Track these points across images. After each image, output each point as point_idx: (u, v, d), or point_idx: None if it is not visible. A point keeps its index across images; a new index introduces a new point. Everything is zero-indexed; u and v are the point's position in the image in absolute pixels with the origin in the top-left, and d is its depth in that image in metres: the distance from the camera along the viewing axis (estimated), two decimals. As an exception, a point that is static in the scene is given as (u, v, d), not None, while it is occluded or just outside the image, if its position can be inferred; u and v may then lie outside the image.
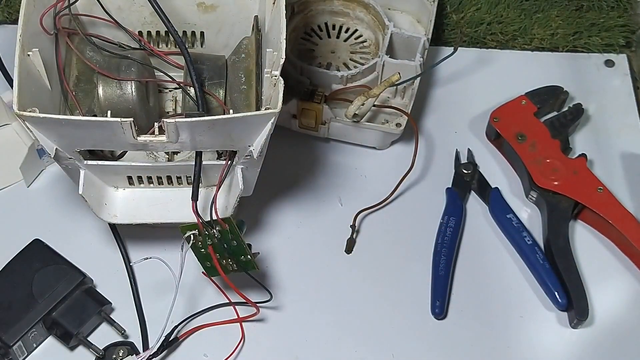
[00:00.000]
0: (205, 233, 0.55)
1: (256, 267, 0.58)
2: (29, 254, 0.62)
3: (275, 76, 0.54)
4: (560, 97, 0.73)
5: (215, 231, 0.55)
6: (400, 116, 0.69)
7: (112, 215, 0.60)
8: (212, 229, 0.55)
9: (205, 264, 0.58)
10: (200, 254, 0.58)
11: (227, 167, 0.56)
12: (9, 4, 0.79)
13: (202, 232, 0.55)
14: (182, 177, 0.60)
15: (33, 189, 0.69)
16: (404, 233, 0.68)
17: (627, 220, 0.66)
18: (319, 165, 0.72)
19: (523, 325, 0.64)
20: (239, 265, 0.57)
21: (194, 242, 0.56)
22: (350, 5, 0.75)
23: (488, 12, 0.80)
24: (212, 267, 0.58)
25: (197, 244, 0.56)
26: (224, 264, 0.58)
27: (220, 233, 0.55)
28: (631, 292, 0.66)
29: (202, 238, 0.56)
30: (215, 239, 0.56)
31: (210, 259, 0.57)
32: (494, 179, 0.71)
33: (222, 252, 0.57)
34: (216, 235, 0.55)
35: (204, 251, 0.57)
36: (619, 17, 0.80)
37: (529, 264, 0.66)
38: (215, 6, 0.64)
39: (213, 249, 0.56)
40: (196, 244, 0.56)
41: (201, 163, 0.55)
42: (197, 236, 0.55)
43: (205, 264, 0.58)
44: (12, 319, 0.59)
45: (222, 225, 0.55)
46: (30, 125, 0.50)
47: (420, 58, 0.68)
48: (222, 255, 0.57)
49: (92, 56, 0.60)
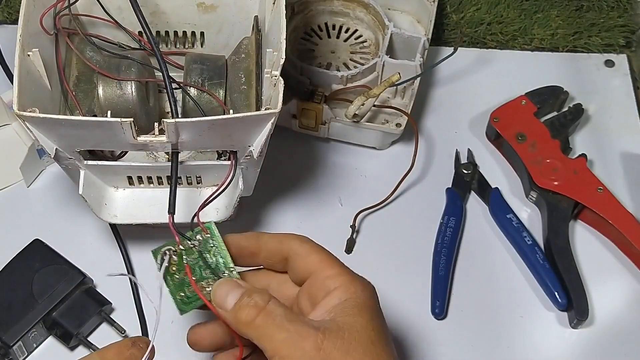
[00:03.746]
0: (182, 249, 0.49)
1: None
2: (29, 254, 0.62)
3: (275, 76, 0.54)
4: (560, 97, 0.73)
5: (196, 241, 0.50)
6: (400, 116, 0.69)
7: (112, 215, 0.60)
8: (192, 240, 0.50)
9: (178, 294, 0.50)
10: (175, 283, 0.50)
11: (233, 168, 0.55)
12: (9, 4, 0.79)
13: (179, 251, 0.49)
14: (182, 177, 0.60)
15: (33, 189, 0.69)
16: (404, 233, 0.68)
17: (627, 220, 0.66)
18: (319, 165, 0.72)
19: (523, 325, 0.64)
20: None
21: (167, 267, 0.49)
22: (350, 5, 0.75)
23: (488, 12, 0.80)
24: (189, 296, 0.50)
25: (171, 270, 0.50)
26: (201, 285, 0.50)
27: (200, 242, 0.50)
28: (631, 292, 0.66)
29: (177, 259, 0.49)
30: (195, 251, 0.49)
31: (186, 285, 0.50)
32: (494, 179, 0.71)
33: (200, 272, 0.50)
34: (196, 246, 0.49)
35: (177, 277, 0.50)
36: (619, 17, 0.80)
37: (529, 264, 0.66)
38: (215, 6, 0.64)
39: (190, 268, 0.49)
40: (169, 269, 0.49)
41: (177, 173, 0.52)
42: (171, 256, 0.49)
43: (178, 294, 0.50)
44: (12, 319, 0.59)
45: (204, 232, 0.50)
46: (30, 125, 0.50)
47: (420, 58, 0.68)
48: (200, 276, 0.50)
49: (92, 56, 0.60)
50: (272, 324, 0.44)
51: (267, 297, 0.46)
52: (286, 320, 0.44)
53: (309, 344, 0.43)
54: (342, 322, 0.45)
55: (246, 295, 0.46)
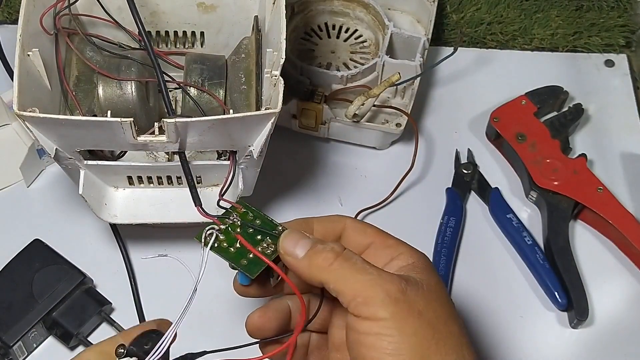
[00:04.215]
0: (226, 225, 0.49)
1: None
2: (29, 254, 0.62)
3: (275, 76, 0.54)
4: (560, 97, 0.73)
5: (236, 219, 0.49)
6: (400, 116, 0.69)
7: (112, 215, 0.60)
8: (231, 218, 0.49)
9: (241, 263, 0.48)
10: (229, 254, 0.49)
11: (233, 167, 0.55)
12: (9, 4, 0.79)
13: (221, 228, 0.49)
14: (182, 177, 0.60)
15: (33, 189, 0.69)
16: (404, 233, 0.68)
17: (627, 220, 0.66)
18: (319, 165, 0.72)
19: (523, 325, 0.64)
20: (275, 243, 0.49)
21: (218, 244, 0.48)
22: (350, 5, 0.75)
23: (488, 12, 0.80)
24: (250, 261, 0.48)
25: (222, 245, 0.48)
26: (261, 249, 0.49)
27: (239, 218, 0.49)
28: (631, 292, 0.66)
29: (223, 236, 0.49)
30: (238, 227, 0.49)
31: (245, 252, 0.48)
32: (494, 179, 0.71)
33: (252, 237, 0.49)
34: (237, 222, 0.49)
35: (232, 249, 0.49)
36: (619, 17, 0.80)
37: (529, 264, 0.66)
38: (215, 6, 0.64)
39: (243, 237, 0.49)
40: (221, 245, 0.48)
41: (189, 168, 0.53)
42: (218, 234, 0.48)
43: (241, 262, 0.48)
44: (12, 319, 0.59)
45: (238, 209, 0.49)
46: (30, 125, 0.50)
47: (420, 58, 0.68)
48: (254, 241, 0.49)
49: (92, 56, 0.60)
50: (352, 266, 0.44)
51: (341, 245, 0.46)
52: (367, 264, 0.44)
53: (393, 286, 0.43)
54: (417, 278, 0.45)
55: (319, 243, 0.46)
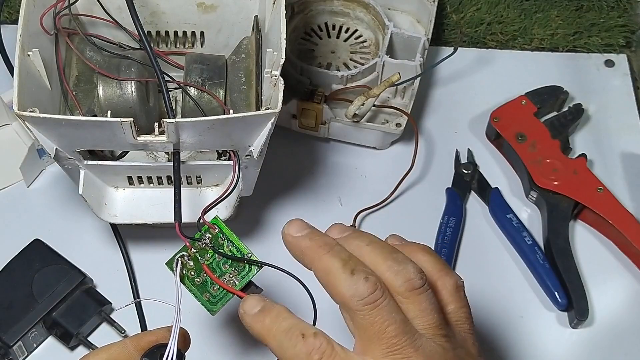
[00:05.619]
0: (195, 252, 0.49)
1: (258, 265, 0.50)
2: (29, 254, 0.62)
3: (275, 76, 0.54)
4: (560, 97, 0.73)
5: (206, 239, 0.49)
6: (400, 116, 0.69)
7: (112, 215, 0.60)
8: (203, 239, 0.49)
9: (205, 297, 0.49)
10: (197, 287, 0.49)
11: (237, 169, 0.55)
12: (9, 4, 0.79)
13: (192, 255, 0.49)
14: (182, 177, 0.60)
15: (33, 189, 0.69)
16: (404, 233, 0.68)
17: (627, 220, 0.66)
18: (319, 165, 0.72)
19: (523, 325, 0.64)
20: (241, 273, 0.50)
21: (185, 273, 0.49)
22: (350, 5, 0.75)
23: (488, 12, 0.80)
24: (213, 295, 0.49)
25: (190, 275, 0.49)
26: (224, 280, 0.49)
27: (210, 239, 0.49)
28: (631, 292, 0.66)
29: (193, 264, 0.49)
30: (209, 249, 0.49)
31: (209, 286, 0.49)
32: (494, 179, 0.71)
33: (219, 267, 0.49)
34: (208, 245, 0.49)
35: (198, 280, 0.49)
36: (619, 17, 0.80)
37: (529, 264, 0.66)
38: (215, 6, 0.64)
39: (209, 268, 0.49)
40: (187, 275, 0.49)
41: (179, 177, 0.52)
42: (186, 262, 0.49)
43: (204, 297, 0.49)
44: (12, 319, 0.59)
45: (212, 230, 0.50)
46: (30, 125, 0.50)
47: (420, 58, 0.68)
48: (220, 272, 0.49)
49: (92, 56, 0.60)
50: None
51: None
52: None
53: None
54: None
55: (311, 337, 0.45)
